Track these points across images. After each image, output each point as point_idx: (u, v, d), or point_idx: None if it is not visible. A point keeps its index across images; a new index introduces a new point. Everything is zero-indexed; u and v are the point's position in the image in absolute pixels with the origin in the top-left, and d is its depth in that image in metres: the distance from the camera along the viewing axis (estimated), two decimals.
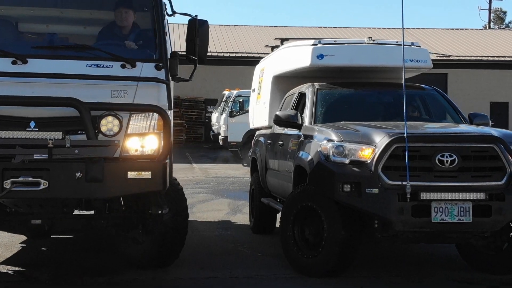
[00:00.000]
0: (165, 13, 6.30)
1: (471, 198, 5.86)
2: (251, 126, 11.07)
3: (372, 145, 6.05)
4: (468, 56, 36.32)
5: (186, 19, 6.54)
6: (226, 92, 25.92)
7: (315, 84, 7.89)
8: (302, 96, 8.08)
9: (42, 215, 6.11)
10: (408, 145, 5.88)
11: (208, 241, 8.78)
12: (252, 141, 10.48)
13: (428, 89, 8.25)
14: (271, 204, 8.60)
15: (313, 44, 8.02)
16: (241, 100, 23.02)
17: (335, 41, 8.14)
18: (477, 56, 36.34)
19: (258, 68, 10.85)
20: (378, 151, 5.96)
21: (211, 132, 27.15)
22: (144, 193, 5.78)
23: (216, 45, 36.30)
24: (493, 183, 5.94)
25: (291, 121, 7.42)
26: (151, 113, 5.73)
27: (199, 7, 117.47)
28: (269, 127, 9.28)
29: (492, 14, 66.68)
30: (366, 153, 6.04)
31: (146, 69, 5.87)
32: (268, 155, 8.95)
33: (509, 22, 73.73)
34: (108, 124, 5.56)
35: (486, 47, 38.39)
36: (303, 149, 6.91)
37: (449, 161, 5.90)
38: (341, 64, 7.99)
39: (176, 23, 40.55)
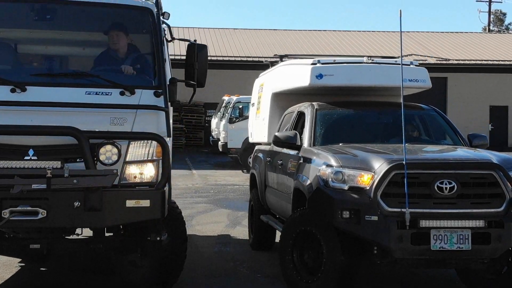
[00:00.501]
0: (164, 39, 6.27)
1: (470, 226, 5.86)
2: (251, 140, 11.07)
3: (371, 171, 6.04)
4: (467, 60, 36.34)
5: (186, 22, 6.43)
6: (226, 98, 25.91)
7: (314, 104, 7.88)
8: (301, 115, 8.07)
9: (41, 240, 6.11)
10: (407, 172, 5.87)
11: (207, 260, 8.76)
12: (252, 156, 10.48)
13: (427, 109, 8.24)
14: (270, 223, 8.60)
15: (312, 64, 8.01)
16: (240, 106, 23.00)
17: (334, 60, 8.13)
18: (476, 60, 36.36)
19: (257, 83, 10.85)
20: (377, 177, 5.95)
21: (210, 137, 27.15)
22: (143, 221, 5.78)
23: (215, 49, 36.31)
24: (492, 210, 5.94)
25: (290, 143, 7.41)
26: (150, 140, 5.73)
27: (199, 10, 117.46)
28: (268, 144, 9.27)
29: (492, 16, 66.65)
30: (365, 179, 6.03)
31: (145, 96, 5.87)
32: (267, 173, 8.94)
33: (509, 24, 73.80)
34: (107, 153, 5.56)
35: (486, 51, 38.39)
36: (302, 172, 6.90)
37: (448, 188, 5.89)
38: (340, 84, 7.98)
39: (175, 27, 40.53)
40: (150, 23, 6.14)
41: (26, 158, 5.53)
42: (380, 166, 6.01)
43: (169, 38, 6.61)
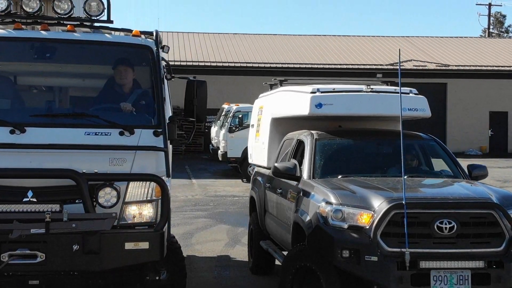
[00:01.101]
0: (164, 77, 6.26)
1: (470, 267, 5.85)
2: (250, 161, 11.06)
3: (370, 210, 6.03)
4: (467, 65, 36.35)
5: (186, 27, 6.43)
6: (226, 106, 25.89)
7: (314, 133, 7.87)
8: (300, 143, 8.06)
9: (40, 276, 6.10)
10: (407, 211, 5.86)
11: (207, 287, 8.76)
12: (251, 178, 10.47)
13: (427, 138, 8.23)
14: (270, 251, 8.58)
15: (311, 92, 7.99)
16: (240, 115, 23.00)
17: (334, 88, 8.10)
18: (476, 66, 36.37)
19: (256, 104, 10.84)
20: (377, 217, 5.94)
21: (210, 145, 27.13)
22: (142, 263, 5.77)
23: (215, 55, 36.33)
24: (492, 250, 5.93)
25: (290, 174, 7.40)
26: None
27: (199, 15, 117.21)
28: (268, 168, 9.26)
29: (491, 18, 66.65)
30: (365, 218, 6.02)
31: (144, 135, 5.86)
32: (266, 198, 8.93)
33: (509, 26, 73.71)
34: (106, 195, 5.55)
35: (486, 57, 38.39)
36: (301, 207, 6.88)
37: (448, 228, 5.88)
38: (339, 113, 7.98)
39: (176, 32, 40.54)
40: (149, 61, 6.13)
41: (25, 199, 5.52)
42: (379, 205, 6.00)
43: (169, 76, 6.51)
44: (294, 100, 8.40)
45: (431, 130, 35.61)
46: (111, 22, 6.39)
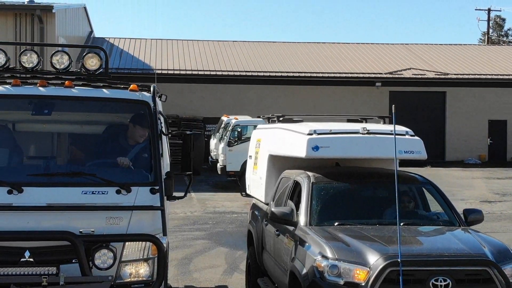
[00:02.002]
0: (161, 133, 6.29)
1: None
2: (248, 192, 11.09)
3: (366, 267, 6.07)
4: (466, 74, 36.39)
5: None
6: (225, 118, 25.92)
7: (310, 176, 7.90)
8: (297, 184, 8.10)
9: None
10: (402, 269, 5.90)
11: None
12: (249, 211, 10.51)
13: (423, 182, 8.27)
14: None
15: (308, 134, 8.02)
16: (239, 129, 23.03)
17: (330, 130, 8.14)
18: (475, 75, 36.41)
19: (254, 136, 10.87)
20: (372, 274, 5.98)
21: (209, 157, 27.15)
22: None
23: (215, 63, 36.36)
24: None
25: (287, 219, 7.44)
26: None
27: (199, 21, 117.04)
28: (266, 204, 9.31)
29: (491, 22, 66.66)
30: (361, 275, 6.06)
31: (141, 193, 5.90)
32: (264, 235, 8.96)
33: (508, 29, 73.70)
34: (102, 257, 5.59)
35: (485, 65, 38.42)
36: (298, 256, 6.92)
37: (443, 285, 5.93)
38: (336, 156, 8.02)
39: (175, 39, 40.55)
40: (147, 117, 6.17)
41: (22, 260, 5.56)
42: (375, 261, 6.04)
43: (166, 131, 6.55)
44: (291, 140, 8.43)
45: (430, 139, 35.77)
46: (109, 76, 6.43)
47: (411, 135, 8.21)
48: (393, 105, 6.42)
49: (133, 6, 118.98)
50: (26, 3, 28.22)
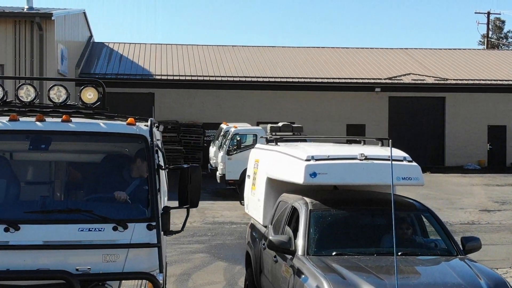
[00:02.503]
0: (159, 167, 6.30)
1: None
2: (246, 211, 11.11)
3: None
4: (466, 79, 36.40)
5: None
6: (224, 126, 25.93)
7: (308, 203, 7.92)
8: (295, 210, 8.12)
9: None
10: None
11: None
12: (247, 229, 10.53)
13: (421, 209, 8.27)
14: None
15: (306, 160, 8.04)
16: (238, 138, 23.04)
17: (328, 156, 8.15)
18: (475, 80, 36.42)
19: (252, 156, 10.88)
20: None
21: (209, 165, 27.17)
22: None
23: (214, 69, 36.35)
24: None
25: (285, 248, 7.46)
26: None
27: (198, 27, 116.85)
28: (264, 226, 9.33)
29: (490, 24, 66.70)
30: None
31: (138, 229, 5.90)
32: (262, 258, 8.98)
33: (508, 32, 73.73)
34: None
35: (484, 70, 38.43)
36: None
37: None
38: (334, 182, 8.04)
39: (175, 44, 40.54)
40: (144, 151, 6.17)
41: None
42: None
43: (163, 166, 6.55)
44: (289, 165, 8.44)
45: (430, 144, 35.80)
46: (106, 109, 6.44)
47: (409, 161, 8.20)
48: (389, 140, 6.43)
49: (132, 10, 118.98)
50: (25, 10, 28.24)
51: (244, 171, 22.36)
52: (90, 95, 6.35)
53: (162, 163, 6.44)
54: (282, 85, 35.29)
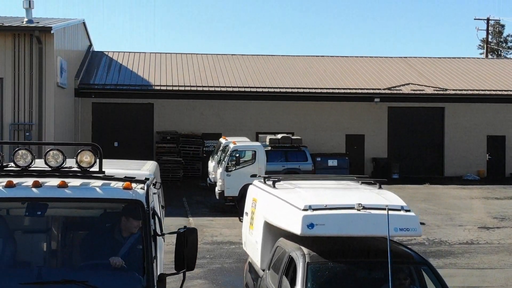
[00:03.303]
0: (155, 234, 6.27)
1: None
2: (244, 248, 11.11)
3: None
4: (465, 90, 36.44)
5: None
6: (223, 141, 25.93)
7: (306, 254, 7.92)
8: (292, 260, 8.11)
9: None
10: None
11: None
12: (245, 269, 10.53)
13: (420, 262, 8.24)
14: None
15: (303, 209, 8.02)
16: (237, 155, 23.03)
17: (326, 205, 8.13)
18: (474, 90, 36.46)
19: (250, 193, 10.87)
20: None
21: (208, 179, 27.18)
22: None
23: (214, 79, 36.38)
24: None
25: None
26: None
27: (197, 35, 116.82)
28: (262, 270, 9.33)
29: (490, 28, 66.70)
30: None
31: None
32: None
33: (507, 36, 73.67)
34: None
35: (484, 80, 38.46)
36: None
37: None
38: (331, 234, 8.02)
39: (174, 53, 40.51)
40: (140, 217, 6.16)
41: None
42: None
43: (160, 232, 6.52)
44: (286, 214, 8.42)
45: (429, 154, 35.79)
46: (103, 172, 6.43)
47: (406, 210, 8.18)
48: (387, 207, 6.42)
49: (132, 18, 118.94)
50: (24, 22, 28.21)
51: (243, 187, 22.54)
52: (86, 158, 6.33)
53: (158, 229, 6.39)
54: (282, 95, 35.30)
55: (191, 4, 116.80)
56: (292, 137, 31.25)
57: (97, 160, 6.39)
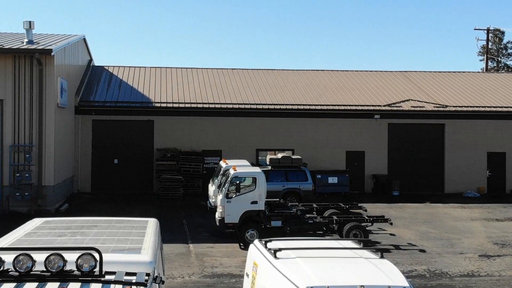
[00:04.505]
0: None
1: None
2: None
3: None
4: (465, 106, 36.45)
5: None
6: (223, 165, 25.91)
7: None
8: None
9: None
10: None
11: None
12: None
13: None
14: None
15: None
16: (237, 182, 22.99)
17: (328, 286, 8.11)
18: (474, 107, 36.47)
19: (251, 255, 10.82)
20: None
21: (208, 202, 27.16)
22: None
23: (214, 95, 36.40)
24: None
25: None
26: None
27: (197, 50, 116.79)
28: None
29: (490, 35, 66.72)
30: None
31: None
32: None
33: (507, 42, 73.66)
34: None
35: (484, 96, 38.47)
36: None
37: None
38: None
39: (174, 67, 40.49)
40: None
41: None
42: None
43: None
44: None
45: (429, 171, 35.77)
46: (103, 276, 6.40)
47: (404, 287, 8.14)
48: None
49: (132, 33, 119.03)
50: (25, 43, 28.21)
51: (244, 214, 22.55)
52: (87, 262, 6.31)
53: None
54: (282, 112, 35.30)
55: (191, 18, 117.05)
56: (293, 157, 31.25)
57: (97, 264, 6.35)
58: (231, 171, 23.56)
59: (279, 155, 31.53)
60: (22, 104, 27.29)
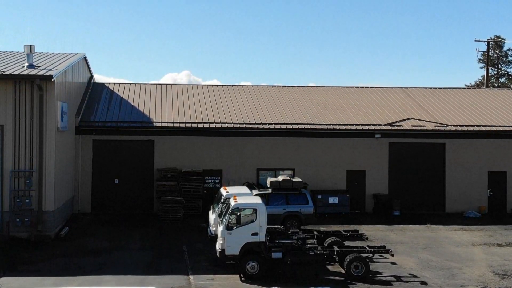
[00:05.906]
0: None
1: None
2: None
3: None
4: (466, 125, 36.42)
5: None
6: (224, 193, 25.84)
7: None
8: None
9: None
10: None
11: None
12: None
13: None
14: None
15: None
16: (238, 213, 22.92)
17: None
18: (475, 126, 36.46)
19: None
20: None
21: (208, 230, 27.08)
22: None
23: (214, 113, 36.36)
24: None
25: None
26: None
27: (197, 64, 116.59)
28: None
29: (491, 42, 66.66)
30: None
31: None
32: None
33: (508, 50, 73.60)
34: None
35: (485, 114, 38.43)
36: None
37: None
38: None
39: (180, 84, 40.43)
40: None
41: None
42: None
43: None
44: None
45: (430, 190, 35.76)
46: None
47: None
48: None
49: (132, 48, 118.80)
50: (25, 67, 28.15)
51: (244, 246, 22.45)
52: None
53: None
54: (282, 131, 35.27)
55: (189, 34, 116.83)
56: (293, 180, 31.19)
57: None
58: (232, 202, 23.48)
59: (280, 178, 31.48)
60: (23, 130, 27.21)
